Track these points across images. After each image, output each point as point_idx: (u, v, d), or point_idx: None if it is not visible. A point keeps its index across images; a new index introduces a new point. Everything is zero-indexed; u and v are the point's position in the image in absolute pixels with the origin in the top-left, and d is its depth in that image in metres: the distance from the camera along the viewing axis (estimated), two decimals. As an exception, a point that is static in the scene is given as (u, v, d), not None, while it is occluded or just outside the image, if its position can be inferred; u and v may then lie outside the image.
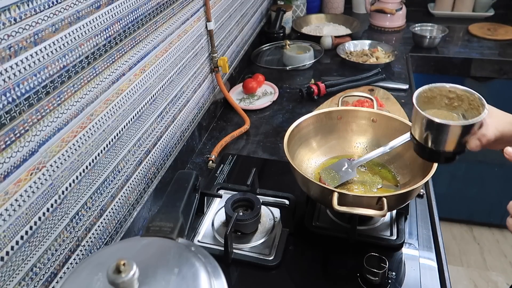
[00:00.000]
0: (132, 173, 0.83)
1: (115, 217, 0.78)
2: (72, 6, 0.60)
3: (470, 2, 1.96)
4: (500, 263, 1.96)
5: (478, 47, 1.69)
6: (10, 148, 0.52)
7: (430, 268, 0.75)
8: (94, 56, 0.67)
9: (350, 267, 0.74)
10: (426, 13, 2.04)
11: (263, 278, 0.74)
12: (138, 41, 0.80)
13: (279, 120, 1.24)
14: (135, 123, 0.82)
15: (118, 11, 0.72)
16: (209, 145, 1.15)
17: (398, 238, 0.78)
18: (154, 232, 0.48)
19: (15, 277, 0.54)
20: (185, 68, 1.04)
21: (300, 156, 0.90)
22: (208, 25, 1.15)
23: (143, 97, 0.85)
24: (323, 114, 0.91)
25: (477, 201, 1.98)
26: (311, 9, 2.04)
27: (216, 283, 0.41)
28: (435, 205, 0.88)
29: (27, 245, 0.56)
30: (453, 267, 1.94)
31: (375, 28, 1.92)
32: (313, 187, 0.75)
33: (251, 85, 1.36)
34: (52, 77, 0.58)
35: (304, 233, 0.81)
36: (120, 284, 0.36)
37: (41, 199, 0.58)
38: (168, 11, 0.91)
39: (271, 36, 1.73)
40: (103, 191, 0.73)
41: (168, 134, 0.98)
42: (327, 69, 1.55)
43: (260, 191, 0.86)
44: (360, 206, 0.68)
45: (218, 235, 0.81)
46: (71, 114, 0.63)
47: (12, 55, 0.51)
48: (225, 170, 1.00)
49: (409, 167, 0.85)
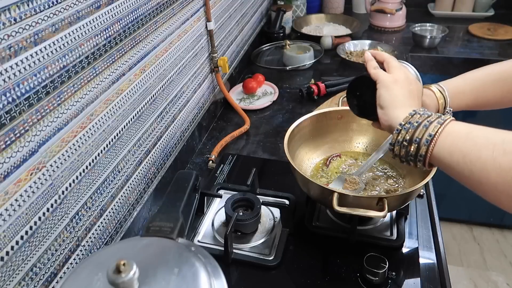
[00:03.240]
0: (132, 173, 0.83)
1: (115, 217, 0.78)
2: (72, 6, 0.60)
3: (470, 2, 1.96)
4: (500, 263, 1.96)
5: (478, 47, 1.69)
6: (10, 148, 0.52)
7: (430, 268, 0.75)
8: (94, 56, 0.67)
9: (350, 267, 0.74)
10: (426, 13, 2.04)
11: (263, 278, 0.74)
12: (138, 41, 0.80)
13: (279, 120, 1.24)
14: (135, 123, 0.82)
15: (118, 11, 0.72)
16: (209, 145, 1.15)
17: (398, 238, 0.78)
18: (154, 232, 0.48)
19: (15, 277, 0.54)
20: (185, 68, 1.04)
21: (300, 156, 0.90)
22: (208, 25, 1.15)
23: (143, 97, 0.85)
24: (323, 114, 0.91)
25: (477, 201, 1.96)
26: (311, 9, 2.04)
27: (216, 283, 0.41)
28: (435, 205, 0.88)
29: (27, 245, 0.56)
30: (453, 267, 1.94)
31: (375, 28, 1.92)
32: (313, 187, 0.75)
33: (251, 85, 1.36)
34: (52, 77, 0.58)
35: (304, 233, 0.81)
36: (120, 284, 0.36)
37: (41, 199, 0.58)
38: (168, 11, 0.91)
39: (271, 36, 1.73)
40: (103, 191, 0.73)
41: (168, 134, 0.98)
42: (327, 69, 1.55)
43: (260, 191, 0.86)
44: (361, 206, 0.68)
45: (218, 235, 0.81)
46: (71, 114, 0.63)
47: (12, 55, 0.51)
48: (225, 170, 1.00)
49: (409, 167, 0.85)
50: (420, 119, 0.55)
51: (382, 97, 0.62)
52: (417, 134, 0.54)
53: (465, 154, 0.49)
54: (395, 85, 0.62)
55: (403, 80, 0.63)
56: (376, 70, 0.65)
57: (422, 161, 0.55)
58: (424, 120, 0.54)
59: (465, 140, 0.50)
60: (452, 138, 0.52)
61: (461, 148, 0.50)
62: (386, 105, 0.61)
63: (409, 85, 0.63)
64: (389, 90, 0.62)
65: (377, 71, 0.65)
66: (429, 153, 0.53)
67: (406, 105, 0.59)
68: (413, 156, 0.55)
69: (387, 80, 0.63)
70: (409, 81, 0.63)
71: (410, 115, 0.56)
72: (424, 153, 0.54)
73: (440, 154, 0.52)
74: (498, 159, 0.45)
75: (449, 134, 0.52)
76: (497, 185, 0.46)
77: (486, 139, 0.48)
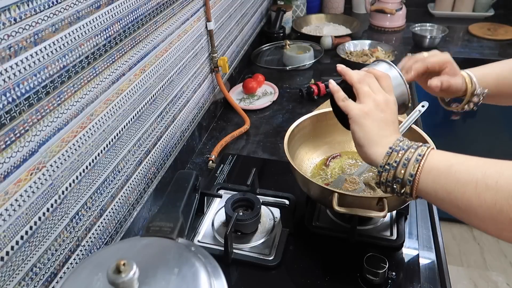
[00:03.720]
0: (132, 173, 0.83)
1: (115, 217, 0.78)
2: (72, 6, 0.60)
3: (470, 2, 1.96)
4: (500, 263, 1.96)
5: (478, 47, 1.69)
6: (10, 148, 0.52)
7: (430, 268, 0.75)
8: (94, 56, 0.67)
9: (350, 267, 0.74)
10: (426, 13, 2.04)
11: (263, 278, 0.74)
12: (138, 41, 0.80)
13: (279, 120, 1.24)
14: (135, 123, 0.82)
15: (118, 11, 0.72)
16: (209, 145, 1.15)
17: (398, 238, 0.78)
18: (154, 232, 0.48)
19: (15, 277, 0.54)
20: (185, 68, 1.04)
21: (300, 156, 0.90)
22: (208, 25, 1.15)
23: (143, 97, 0.85)
24: (323, 114, 0.91)
25: (477, 201, 1.97)
26: (311, 9, 2.04)
27: (216, 283, 0.41)
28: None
29: (27, 245, 0.56)
30: (453, 267, 1.94)
31: (375, 28, 1.92)
32: (313, 187, 0.75)
33: (251, 85, 1.36)
34: (52, 77, 0.58)
35: (304, 233, 0.81)
36: (120, 284, 0.36)
37: (41, 199, 0.58)
38: (168, 11, 0.91)
39: (271, 36, 1.73)
40: (103, 191, 0.73)
41: (168, 134, 0.98)
42: (327, 69, 1.55)
43: (260, 191, 0.86)
44: (361, 206, 0.68)
45: (218, 235, 0.81)
46: (71, 114, 0.63)
47: (12, 55, 0.51)
48: (225, 170, 1.00)
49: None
50: (398, 158, 0.54)
51: (356, 135, 0.60)
52: (398, 174, 0.54)
53: (449, 192, 0.49)
54: (367, 119, 0.59)
55: (374, 110, 0.60)
56: (345, 103, 0.62)
57: (410, 196, 0.55)
58: (402, 158, 0.54)
59: (446, 176, 0.49)
60: (433, 175, 0.51)
61: (444, 186, 0.50)
62: (362, 144, 0.59)
63: (380, 113, 0.60)
64: (361, 126, 0.59)
65: (346, 104, 0.62)
66: (414, 191, 0.53)
67: (381, 141, 0.58)
68: (400, 193, 0.55)
69: (357, 116, 0.60)
70: (380, 108, 0.60)
71: (387, 155, 0.55)
72: (409, 191, 0.54)
73: (425, 191, 0.52)
74: (482, 194, 0.45)
75: (429, 172, 0.52)
76: (485, 220, 0.46)
77: (468, 174, 0.48)
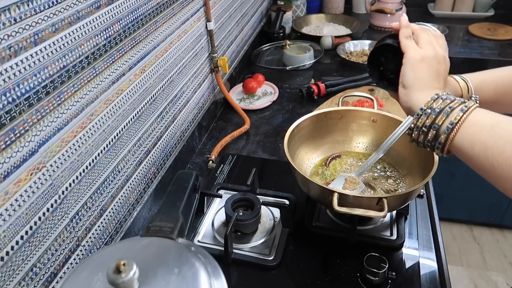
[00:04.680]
0: (132, 173, 0.83)
1: (115, 217, 0.78)
2: (72, 6, 0.60)
3: (470, 2, 1.96)
4: (500, 263, 1.96)
5: (478, 47, 1.69)
6: (10, 148, 0.52)
7: (430, 268, 0.75)
8: (94, 56, 0.67)
9: (350, 267, 0.74)
10: (426, 13, 2.04)
11: (263, 278, 0.74)
12: (138, 41, 0.80)
13: (279, 120, 1.24)
14: (135, 123, 0.82)
15: (118, 11, 0.72)
16: (209, 145, 1.15)
17: (398, 238, 0.78)
18: (154, 232, 0.48)
19: (15, 277, 0.54)
20: (185, 68, 1.04)
21: (300, 156, 0.90)
22: (208, 25, 1.15)
23: (143, 97, 0.85)
24: (323, 114, 0.91)
25: (477, 201, 1.97)
26: (311, 9, 2.04)
27: (216, 283, 0.41)
28: (435, 205, 0.88)
29: (27, 245, 0.56)
30: (453, 267, 1.94)
31: (375, 28, 1.92)
32: (313, 187, 0.75)
33: (251, 85, 1.36)
34: (52, 77, 0.58)
35: (304, 233, 0.81)
36: (120, 284, 0.36)
37: (41, 199, 0.58)
38: (168, 11, 0.91)
39: (271, 36, 1.73)
40: (103, 191, 0.73)
41: (168, 134, 0.98)
42: (327, 69, 1.55)
43: (260, 191, 0.86)
44: (361, 206, 0.68)
45: (218, 235, 0.81)
46: (71, 114, 0.63)
47: (12, 55, 0.51)
48: (225, 170, 1.00)
49: (409, 167, 0.85)
50: (443, 104, 0.52)
51: (406, 76, 0.58)
52: (437, 120, 0.51)
53: (488, 147, 0.46)
54: (422, 64, 0.57)
55: (432, 58, 0.58)
56: (407, 41, 0.60)
57: (441, 148, 0.52)
58: (446, 106, 0.51)
59: (489, 132, 0.47)
60: (475, 128, 0.48)
61: (483, 141, 0.47)
62: (409, 86, 0.57)
63: (437, 64, 0.58)
64: (415, 69, 0.57)
65: (408, 43, 0.59)
66: (449, 142, 0.50)
67: (429, 88, 0.56)
68: (432, 143, 0.53)
69: (414, 58, 0.58)
70: (437, 59, 0.58)
71: (432, 100, 0.53)
72: (443, 141, 0.51)
73: (460, 144, 0.50)
74: None
75: (472, 124, 0.49)
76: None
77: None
